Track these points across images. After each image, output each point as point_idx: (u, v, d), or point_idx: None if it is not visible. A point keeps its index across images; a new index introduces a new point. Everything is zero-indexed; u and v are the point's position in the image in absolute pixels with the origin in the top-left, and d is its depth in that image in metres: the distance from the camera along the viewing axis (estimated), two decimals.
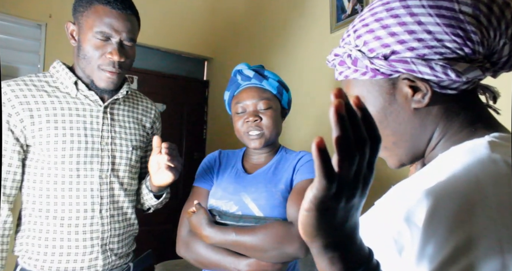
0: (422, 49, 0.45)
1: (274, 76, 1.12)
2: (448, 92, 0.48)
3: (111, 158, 1.04)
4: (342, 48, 0.54)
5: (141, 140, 1.14)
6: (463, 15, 0.44)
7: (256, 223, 0.95)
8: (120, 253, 1.07)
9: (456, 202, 0.39)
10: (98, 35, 0.95)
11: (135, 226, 1.14)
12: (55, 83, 1.02)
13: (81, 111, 1.01)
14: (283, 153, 1.14)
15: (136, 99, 1.18)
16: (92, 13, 0.95)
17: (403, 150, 0.52)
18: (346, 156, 0.30)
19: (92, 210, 1.00)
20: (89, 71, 0.99)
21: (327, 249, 0.35)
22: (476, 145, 0.45)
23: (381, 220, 0.45)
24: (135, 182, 1.13)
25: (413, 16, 0.45)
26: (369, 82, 0.51)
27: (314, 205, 0.32)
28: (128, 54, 1.01)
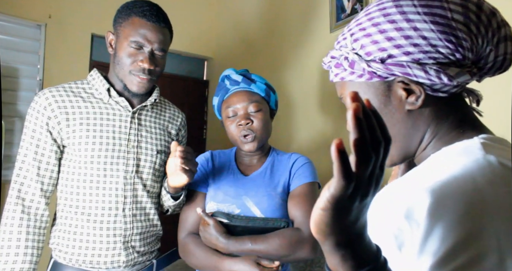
0: (418, 53, 0.47)
1: (261, 79, 1.16)
2: (440, 95, 0.50)
3: (136, 161, 1.11)
4: (339, 50, 0.56)
5: (166, 145, 1.21)
6: (455, 22, 0.47)
7: (265, 224, 0.99)
8: (143, 251, 1.13)
9: (456, 200, 0.41)
10: (132, 44, 1.04)
11: (158, 227, 1.20)
12: (90, 89, 1.12)
13: (111, 115, 1.10)
14: (275, 155, 1.19)
15: (164, 107, 1.26)
16: (129, 24, 1.05)
17: (395, 150, 0.54)
18: (363, 158, 0.32)
19: (116, 208, 1.07)
20: (122, 75, 1.08)
21: (339, 246, 0.36)
22: (469, 146, 0.47)
23: (381, 217, 0.47)
24: (158, 185, 1.19)
25: (409, 22, 0.48)
26: (365, 84, 0.53)
27: (331, 204, 0.33)
28: (158, 63, 1.10)
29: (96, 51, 2.54)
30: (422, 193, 0.42)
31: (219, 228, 1.00)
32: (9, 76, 2.21)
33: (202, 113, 3.10)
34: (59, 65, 2.35)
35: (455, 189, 0.42)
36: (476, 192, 0.41)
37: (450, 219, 0.40)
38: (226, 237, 0.99)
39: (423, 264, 0.40)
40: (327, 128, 1.96)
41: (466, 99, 0.55)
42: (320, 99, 2.02)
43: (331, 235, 0.36)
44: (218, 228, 1.00)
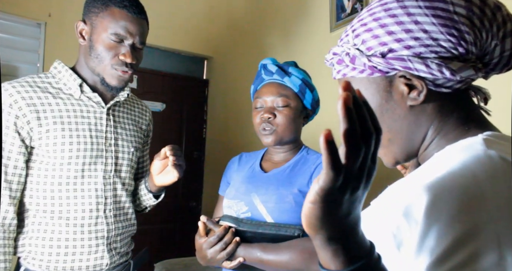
0: (419, 47, 0.47)
1: (299, 73, 1.09)
2: (443, 90, 0.49)
3: (114, 159, 1.07)
4: (341, 47, 0.55)
5: (139, 141, 1.17)
6: (458, 16, 0.46)
7: (276, 231, 0.91)
8: (122, 252, 1.10)
9: (454, 196, 0.40)
10: (113, 37, 0.98)
11: (135, 226, 1.17)
12: (58, 84, 1.04)
13: (85, 113, 1.03)
14: (304, 154, 1.11)
15: (132, 102, 1.21)
16: (108, 15, 0.98)
17: (398, 147, 0.54)
18: (353, 148, 0.31)
19: (96, 210, 1.02)
20: (100, 69, 1.02)
21: (331, 241, 0.36)
22: (471, 143, 0.46)
23: (380, 216, 0.46)
24: (133, 183, 1.17)
25: (410, 16, 0.47)
26: (366, 80, 0.52)
27: (320, 197, 0.33)
28: (139, 56, 1.05)
29: None
30: (420, 190, 0.42)
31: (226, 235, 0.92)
32: (9, 75, 2.21)
33: (202, 112, 3.09)
34: None
35: (454, 185, 0.41)
36: (476, 188, 0.40)
37: (449, 216, 0.39)
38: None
39: (422, 263, 0.39)
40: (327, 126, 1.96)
41: (474, 98, 0.54)
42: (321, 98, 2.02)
43: (321, 229, 0.35)
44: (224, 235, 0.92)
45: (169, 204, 2.86)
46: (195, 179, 2.93)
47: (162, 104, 2.87)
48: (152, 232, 2.71)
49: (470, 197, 0.40)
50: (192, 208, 2.90)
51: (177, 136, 2.93)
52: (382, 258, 0.39)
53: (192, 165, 2.96)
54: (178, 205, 2.88)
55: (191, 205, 2.91)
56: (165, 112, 2.87)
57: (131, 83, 2.78)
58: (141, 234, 2.78)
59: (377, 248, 0.39)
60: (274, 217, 0.98)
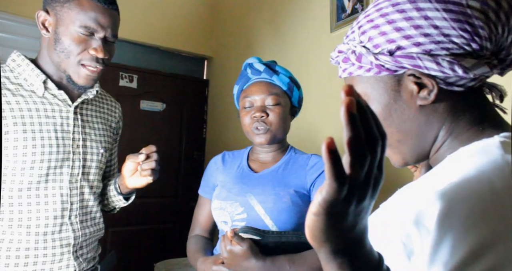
0: (429, 44, 0.44)
1: (286, 72, 1.08)
2: (455, 89, 0.46)
3: (82, 162, 0.98)
4: (346, 44, 0.53)
5: (109, 141, 1.09)
6: (471, 10, 0.43)
7: (298, 238, 0.86)
8: (89, 257, 1.03)
9: (470, 205, 0.37)
10: (82, 30, 0.89)
11: (103, 230, 1.09)
12: (17, 79, 0.94)
13: (50, 112, 0.94)
14: (292, 153, 1.10)
15: (101, 98, 1.11)
16: (76, 6, 0.89)
17: (407, 148, 0.51)
18: (358, 157, 0.29)
19: (61, 217, 0.94)
20: (65, 65, 0.92)
21: (336, 254, 0.34)
22: (487, 145, 0.43)
23: (389, 223, 0.44)
24: (101, 184, 1.09)
25: (420, 11, 0.44)
26: (373, 79, 0.50)
27: (324, 209, 0.30)
28: (111, 51, 0.97)
29: None
30: (433, 197, 0.39)
31: (253, 250, 0.85)
32: None
33: (202, 112, 3.09)
34: None
35: (470, 192, 0.38)
36: (493, 195, 0.37)
37: (464, 225, 0.36)
38: (262, 259, 0.85)
39: None
40: (327, 128, 1.96)
41: (489, 95, 0.51)
42: (320, 99, 2.01)
43: (326, 242, 0.33)
44: (253, 250, 0.85)
45: (169, 204, 2.85)
46: (195, 179, 2.93)
47: (162, 104, 2.86)
48: (152, 232, 2.71)
49: (486, 206, 0.37)
50: (192, 208, 2.90)
51: (177, 136, 2.93)
52: (391, 266, 0.37)
53: (192, 165, 2.96)
54: (178, 205, 2.88)
55: (191, 205, 2.91)
56: (165, 112, 2.87)
57: (131, 83, 2.80)
58: (141, 234, 2.80)
59: (385, 257, 0.37)
60: (272, 217, 0.96)
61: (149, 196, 2.60)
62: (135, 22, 2.54)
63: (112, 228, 2.43)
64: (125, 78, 2.70)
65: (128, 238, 2.57)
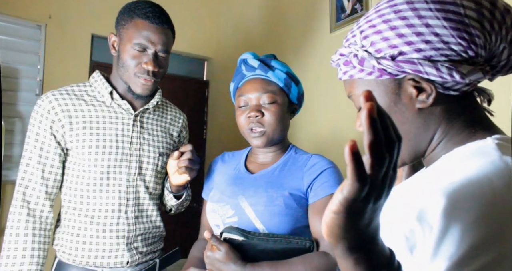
0: (429, 50, 0.47)
1: (283, 67, 1.02)
2: (451, 93, 0.49)
3: (139, 163, 1.12)
4: (348, 48, 0.54)
5: (168, 147, 1.21)
6: (468, 19, 0.46)
7: (287, 244, 0.83)
8: (146, 251, 1.15)
9: (471, 203, 0.39)
10: (136, 46, 1.04)
11: (161, 228, 1.21)
12: (93, 92, 1.13)
13: (114, 118, 1.11)
14: (293, 153, 1.04)
15: (165, 108, 1.26)
16: (132, 26, 1.05)
17: (406, 149, 0.53)
18: (378, 159, 0.31)
19: (118, 211, 1.09)
20: (126, 77, 1.08)
21: (352, 250, 0.36)
22: (484, 147, 0.46)
23: (391, 218, 0.46)
24: (160, 186, 1.21)
25: (421, 19, 0.47)
26: (374, 82, 0.52)
27: (344, 208, 0.32)
28: (162, 64, 1.10)
29: (96, 51, 2.54)
30: (436, 195, 0.41)
31: (232, 255, 0.81)
32: (9, 77, 2.21)
33: (202, 113, 3.10)
34: (59, 65, 2.35)
35: (471, 191, 0.40)
36: (494, 195, 0.40)
37: (466, 222, 0.38)
38: (241, 264, 0.81)
39: (438, 268, 0.39)
40: (327, 128, 1.96)
41: (477, 98, 0.54)
42: (319, 99, 2.02)
43: (344, 239, 0.35)
44: (232, 255, 0.81)
45: None
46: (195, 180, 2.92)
47: None
48: None
49: (487, 204, 0.39)
50: (193, 209, 2.90)
51: None
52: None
53: None
54: None
55: (192, 206, 2.91)
56: None
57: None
58: None
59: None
60: (264, 221, 0.91)
61: None
62: None
63: None
64: None
65: None
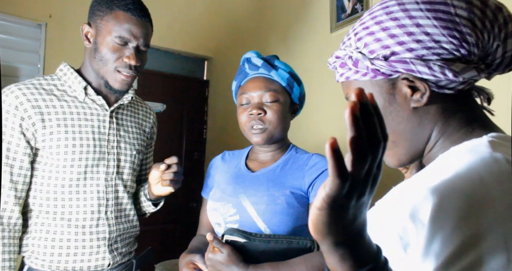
0: (421, 50, 0.47)
1: (286, 67, 1.04)
2: (446, 91, 0.50)
3: (117, 162, 1.08)
4: (343, 50, 0.56)
5: (142, 144, 1.18)
6: (459, 18, 0.46)
7: (288, 244, 0.83)
8: (124, 252, 1.12)
9: (461, 199, 0.40)
10: (117, 39, 1.00)
11: (137, 228, 1.18)
12: (63, 86, 1.06)
13: (89, 115, 1.05)
14: (293, 153, 1.05)
15: (137, 104, 1.22)
16: (113, 18, 1.00)
17: (402, 149, 0.54)
18: (359, 157, 0.31)
19: (98, 212, 1.04)
20: (104, 72, 1.03)
21: (338, 246, 0.36)
22: (476, 144, 0.46)
23: (385, 217, 0.46)
24: (135, 185, 1.18)
25: (412, 19, 0.48)
26: (369, 83, 0.53)
27: (327, 204, 0.33)
28: (143, 58, 1.06)
29: None
30: (427, 192, 0.42)
31: (234, 257, 0.81)
32: (10, 76, 2.21)
33: (202, 113, 3.10)
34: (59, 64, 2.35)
35: (461, 188, 0.41)
36: (483, 191, 0.40)
37: (455, 219, 0.39)
38: (244, 266, 0.81)
39: (429, 265, 0.39)
40: (327, 128, 1.96)
41: (477, 98, 0.54)
42: (320, 99, 2.02)
43: (329, 235, 0.35)
44: (234, 257, 0.81)
45: (170, 205, 2.85)
46: (195, 179, 2.93)
47: (162, 105, 2.87)
48: (152, 233, 2.71)
49: (476, 200, 0.40)
50: (192, 208, 2.91)
51: (178, 136, 2.93)
52: (388, 259, 0.39)
53: (193, 166, 2.96)
54: (179, 205, 2.88)
55: (192, 206, 2.92)
56: (165, 112, 2.87)
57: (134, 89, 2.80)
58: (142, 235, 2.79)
59: (383, 250, 0.39)
60: (265, 220, 0.92)
61: None
62: None
63: None
64: None
65: None
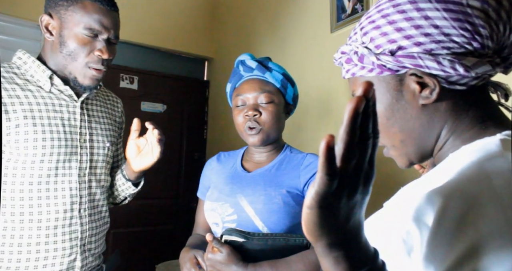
0: (429, 44, 0.45)
1: (279, 68, 1.06)
2: (457, 88, 0.47)
3: (89, 156, 1.01)
4: (349, 45, 0.53)
5: (114, 135, 1.12)
6: (471, 9, 0.43)
7: (286, 242, 0.85)
8: (96, 253, 1.05)
9: (467, 201, 0.38)
10: (86, 31, 0.91)
11: (108, 224, 1.11)
12: (24, 76, 0.96)
13: (58, 106, 0.96)
14: (288, 153, 1.07)
15: (103, 94, 1.14)
16: (80, 9, 0.91)
17: (411, 148, 0.51)
18: (349, 152, 0.31)
19: (71, 210, 0.96)
20: (72, 68, 0.95)
21: (332, 248, 0.35)
22: (487, 143, 0.44)
23: (390, 220, 0.45)
24: (109, 178, 1.11)
25: (420, 11, 0.45)
26: (376, 79, 0.50)
27: (316, 202, 0.32)
28: (114, 51, 0.99)
29: None
30: (432, 194, 0.40)
31: (234, 256, 0.82)
32: None
33: (202, 113, 3.09)
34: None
35: (468, 189, 0.39)
36: (492, 192, 0.38)
37: (462, 221, 0.37)
38: (243, 265, 0.82)
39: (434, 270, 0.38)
40: (326, 127, 1.96)
41: (494, 94, 0.51)
42: (320, 99, 2.01)
43: (321, 236, 0.34)
44: (233, 257, 0.81)
45: (170, 205, 2.85)
46: (195, 180, 2.93)
47: (162, 105, 2.87)
48: (152, 233, 2.71)
49: (484, 202, 0.37)
50: (192, 209, 2.90)
51: (178, 137, 2.93)
52: (392, 264, 0.38)
53: (193, 166, 2.96)
54: (179, 206, 2.88)
55: (192, 206, 2.91)
56: (165, 113, 2.87)
57: (132, 85, 2.80)
58: (142, 235, 2.80)
59: (386, 254, 0.38)
60: (263, 219, 0.93)
61: (150, 198, 2.61)
62: (136, 23, 2.54)
63: (113, 229, 2.43)
64: (126, 80, 2.70)
65: (129, 239, 2.57)
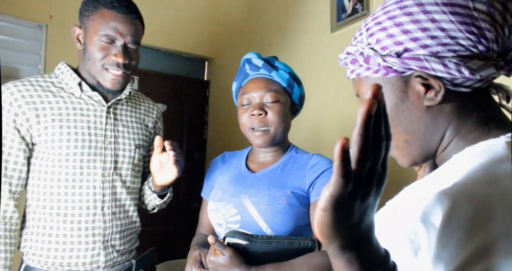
0: (436, 46, 0.45)
1: (286, 67, 1.04)
2: (461, 90, 0.47)
3: (114, 157, 1.07)
4: (355, 46, 0.54)
5: (144, 139, 1.17)
6: (478, 12, 0.44)
7: (289, 245, 0.84)
8: (122, 250, 1.09)
9: (476, 203, 0.38)
10: (103, 38, 0.99)
11: (137, 224, 1.16)
12: (60, 84, 1.06)
13: (85, 111, 1.05)
14: (293, 153, 1.05)
15: (138, 100, 1.22)
16: (98, 17, 0.99)
17: (415, 148, 0.52)
18: (364, 154, 0.31)
19: (94, 207, 1.03)
20: (94, 71, 1.03)
21: (344, 249, 0.35)
22: (493, 145, 0.44)
23: (396, 220, 0.45)
24: (138, 180, 1.17)
25: (427, 14, 0.46)
26: (381, 80, 0.51)
27: (331, 204, 0.32)
28: (132, 56, 1.05)
29: None
30: (439, 195, 0.40)
31: (236, 259, 0.81)
32: (10, 77, 2.21)
33: (203, 113, 3.10)
34: None
35: (476, 192, 0.39)
36: (501, 194, 0.38)
37: (470, 223, 0.37)
38: (246, 268, 0.81)
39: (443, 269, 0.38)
40: (329, 127, 1.96)
41: (495, 96, 0.52)
42: (320, 99, 2.01)
43: (334, 238, 0.34)
44: (236, 260, 0.81)
45: (171, 205, 2.84)
46: (196, 180, 2.93)
47: (163, 105, 2.87)
48: (153, 233, 2.71)
49: (492, 205, 0.38)
50: (193, 209, 2.90)
51: (178, 137, 2.93)
52: (398, 264, 0.38)
53: (193, 166, 2.96)
54: (180, 206, 2.88)
55: (193, 206, 2.92)
56: (166, 113, 2.87)
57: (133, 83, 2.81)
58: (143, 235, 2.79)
59: (392, 254, 0.38)
60: (266, 220, 0.92)
61: None
62: None
63: None
64: None
65: None
